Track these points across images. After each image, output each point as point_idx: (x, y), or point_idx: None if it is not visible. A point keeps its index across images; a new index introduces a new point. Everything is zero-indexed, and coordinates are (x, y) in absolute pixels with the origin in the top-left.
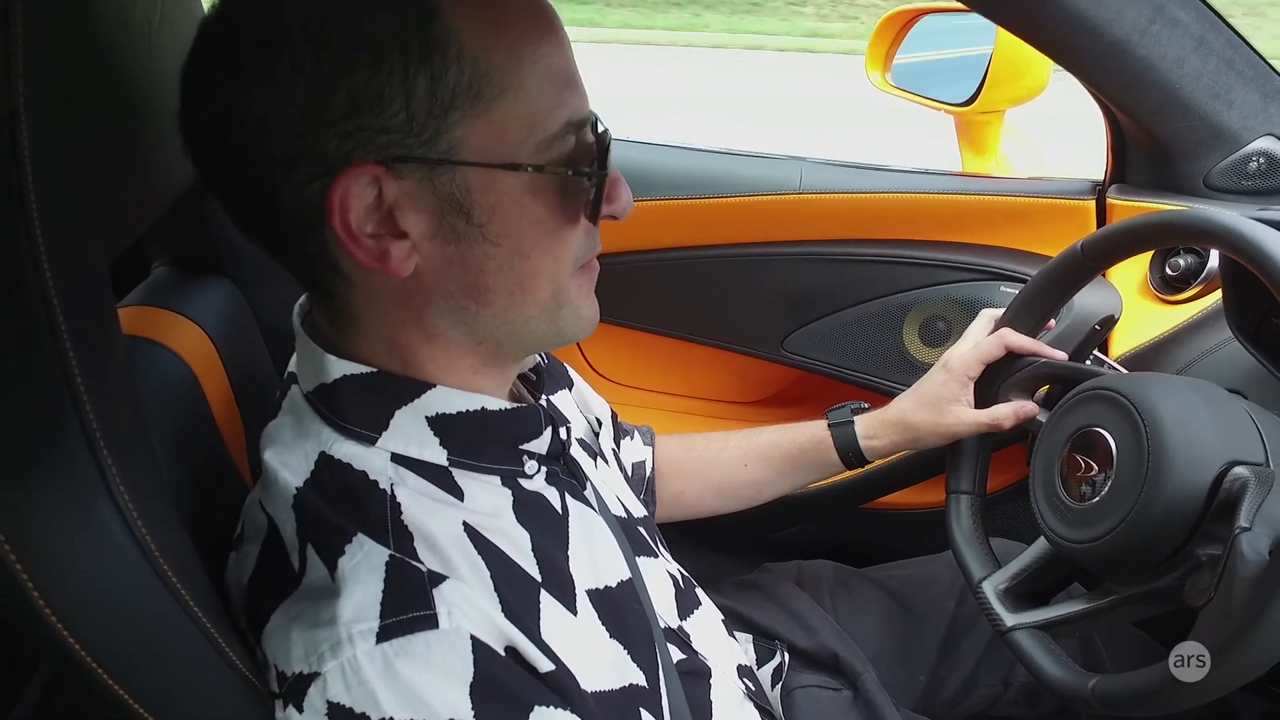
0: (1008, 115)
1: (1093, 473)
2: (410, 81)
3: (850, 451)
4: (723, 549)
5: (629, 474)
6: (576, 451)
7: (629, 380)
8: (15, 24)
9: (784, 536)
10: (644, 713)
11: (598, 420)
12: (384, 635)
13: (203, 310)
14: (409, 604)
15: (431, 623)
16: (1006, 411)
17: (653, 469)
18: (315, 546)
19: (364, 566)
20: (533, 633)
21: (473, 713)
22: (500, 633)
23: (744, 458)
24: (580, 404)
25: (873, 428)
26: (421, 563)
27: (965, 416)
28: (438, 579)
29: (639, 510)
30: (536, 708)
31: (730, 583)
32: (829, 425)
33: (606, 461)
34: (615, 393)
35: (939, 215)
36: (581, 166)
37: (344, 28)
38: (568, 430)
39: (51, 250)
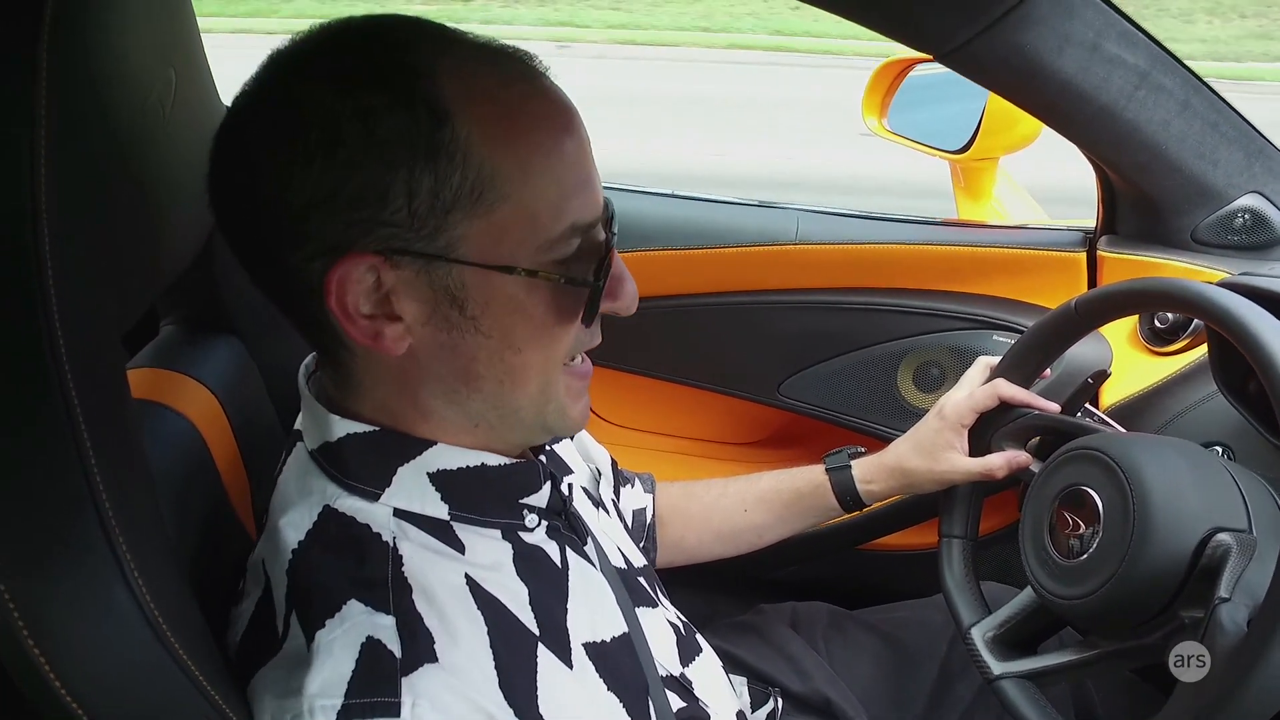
0: (1001, 162)
1: (1080, 530)
2: (415, 181)
3: (848, 496)
4: (718, 589)
5: (629, 522)
6: (580, 501)
7: (629, 423)
8: (40, 123)
9: (779, 576)
10: None
11: (598, 470)
12: (344, 715)
13: (209, 370)
14: (376, 688)
15: (393, 710)
16: (999, 461)
17: (654, 516)
18: (299, 614)
19: (339, 643)
20: (522, 696)
21: None
22: (482, 711)
23: (744, 503)
24: (582, 452)
25: (870, 472)
26: (416, 618)
27: (959, 464)
28: (413, 666)
29: (639, 560)
30: None
31: (725, 624)
32: (826, 470)
33: (608, 512)
34: (615, 434)
35: (933, 265)
36: (580, 273)
37: (356, 127)
38: (569, 485)
39: (68, 333)
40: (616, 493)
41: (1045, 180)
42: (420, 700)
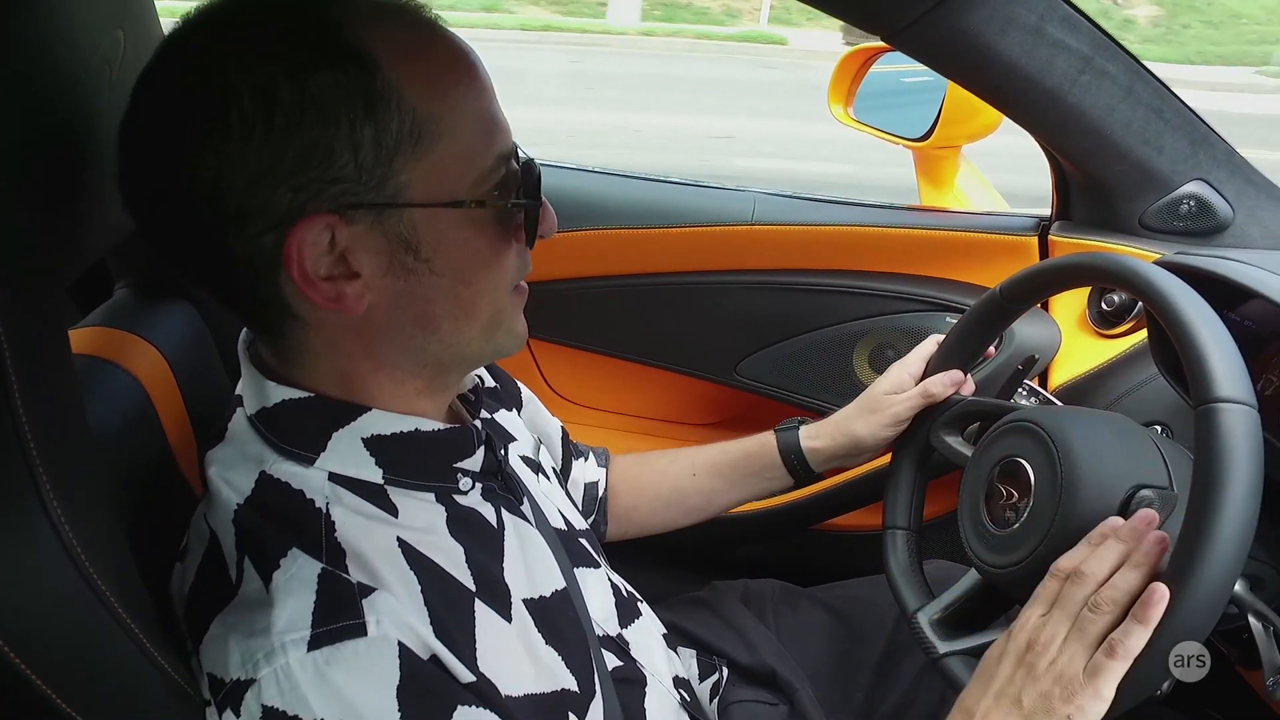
0: (964, 151)
1: (1014, 500)
2: (357, 134)
3: (793, 454)
4: (674, 568)
5: (581, 495)
6: (519, 467)
7: (586, 401)
8: None
9: (734, 556)
10: (572, 717)
11: (539, 439)
12: (315, 643)
13: (160, 332)
14: (339, 614)
15: (360, 631)
16: (936, 379)
17: (605, 489)
18: (252, 560)
19: (297, 579)
20: (459, 646)
21: (399, 713)
22: (423, 641)
23: (692, 468)
24: (529, 423)
25: (815, 430)
26: (352, 577)
27: (900, 396)
28: (367, 590)
29: (580, 523)
30: (460, 707)
31: (678, 600)
32: (775, 431)
33: (548, 477)
34: (573, 412)
35: (889, 248)
36: (517, 197)
37: (290, 89)
38: (506, 448)
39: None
40: (568, 464)
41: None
42: (382, 617)
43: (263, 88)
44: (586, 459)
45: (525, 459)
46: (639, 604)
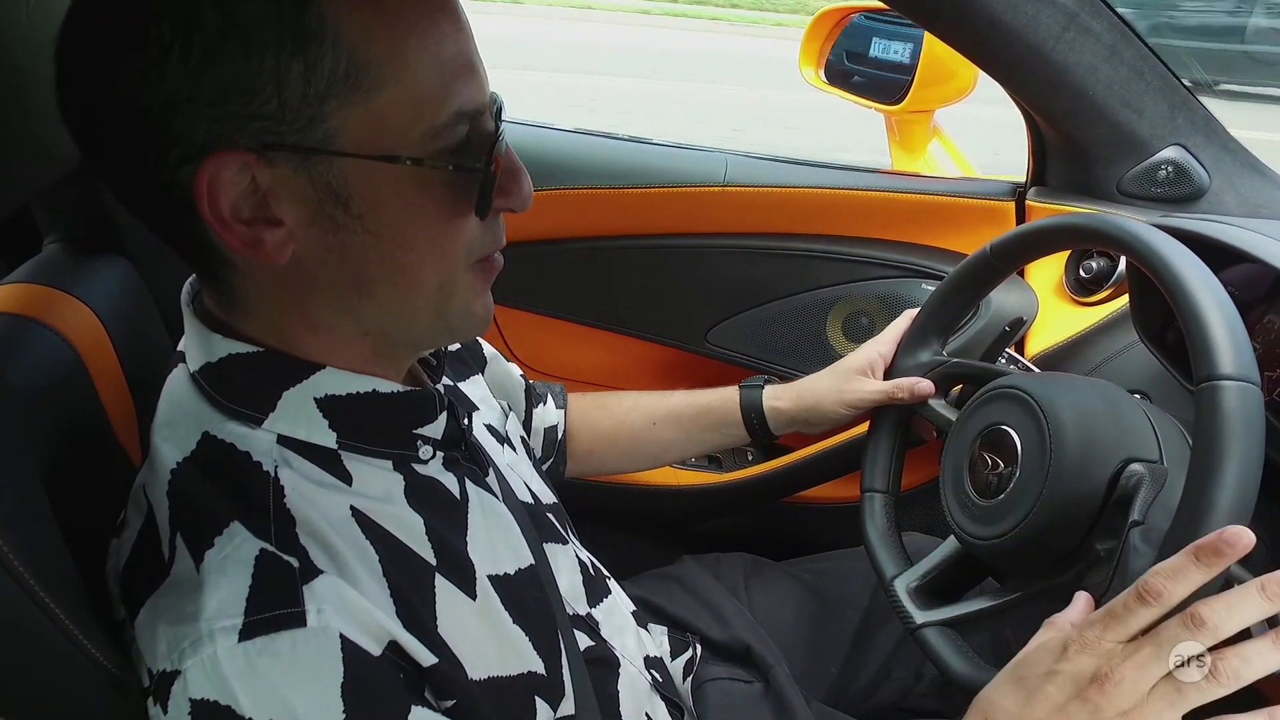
0: (937, 118)
1: (999, 469)
2: (282, 69)
3: (753, 412)
4: (643, 542)
5: (542, 441)
6: (484, 437)
7: (551, 369)
8: None
9: (705, 529)
10: (539, 701)
11: (507, 407)
12: (246, 633)
13: (94, 290)
14: (275, 601)
15: (298, 620)
16: (905, 384)
17: (564, 432)
18: (184, 536)
19: (232, 560)
20: (421, 622)
21: (344, 714)
22: (380, 628)
23: (652, 416)
24: (493, 385)
25: (779, 391)
26: (300, 551)
27: (867, 386)
28: (311, 574)
29: (549, 497)
30: (414, 708)
31: (648, 575)
32: (740, 387)
33: (514, 449)
34: (537, 380)
35: (864, 212)
36: (469, 160)
37: (213, 13)
38: (471, 417)
39: None
40: (529, 415)
41: None
42: (325, 605)
43: (183, 9)
44: (545, 402)
45: (490, 428)
46: (608, 581)
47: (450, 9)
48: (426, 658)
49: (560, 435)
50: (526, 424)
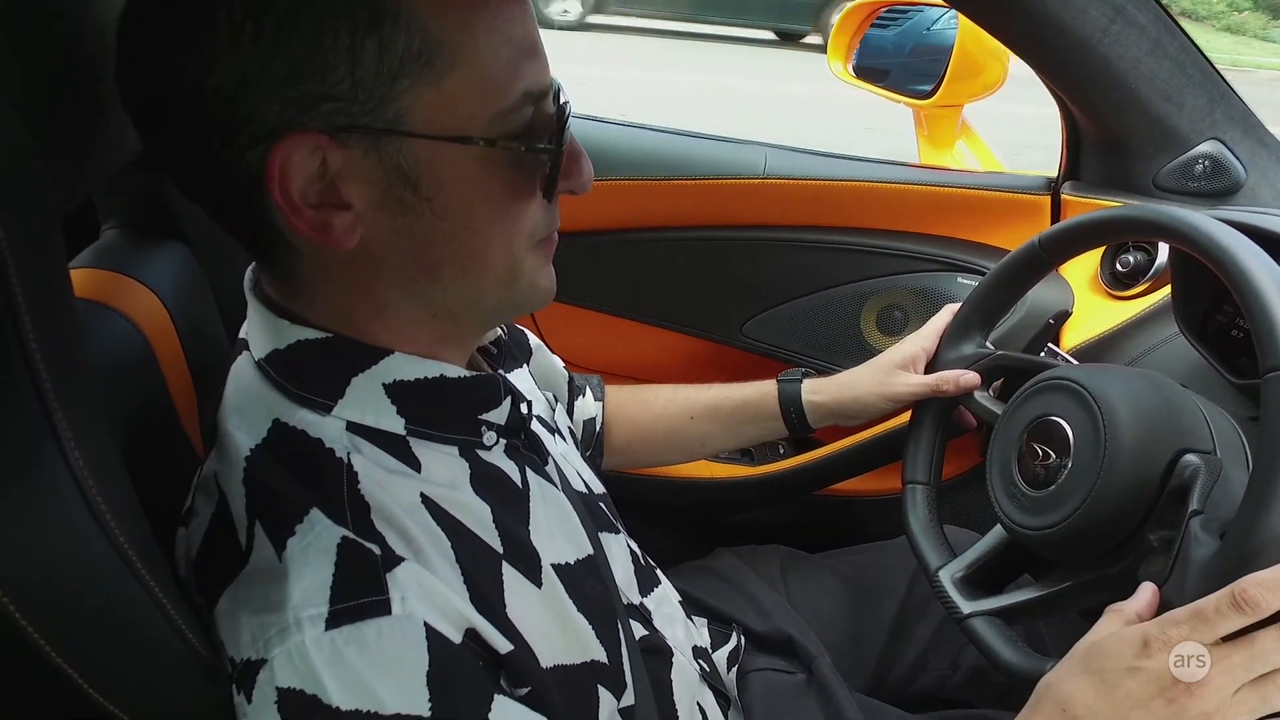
0: (965, 114)
1: (1050, 460)
2: (356, 48)
3: (792, 406)
4: (679, 533)
5: (580, 432)
6: (537, 427)
7: (585, 361)
8: None
9: (738, 522)
10: (602, 690)
11: (554, 398)
12: (333, 621)
13: (155, 274)
14: (360, 589)
15: (384, 609)
16: (950, 377)
17: (602, 424)
18: (264, 524)
19: (314, 548)
20: (494, 609)
21: (430, 704)
22: (459, 615)
23: (690, 410)
24: (538, 376)
25: (819, 385)
26: (378, 538)
27: (910, 380)
28: (392, 562)
29: (599, 487)
30: (497, 697)
31: (686, 567)
32: (778, 380)
33: (564, 439)
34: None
35: (899, 205)
36: (537, 142)
37: None
38: (528, 405)
39: (4, 210)
40: (570, 408)
41: None
42: (409, 594)
43: None
44: (584, 394)
45: (540, 419)
46: (656, 571)
47: None
48: (503, 644)
49: (598, 428)
50: (569, 412)
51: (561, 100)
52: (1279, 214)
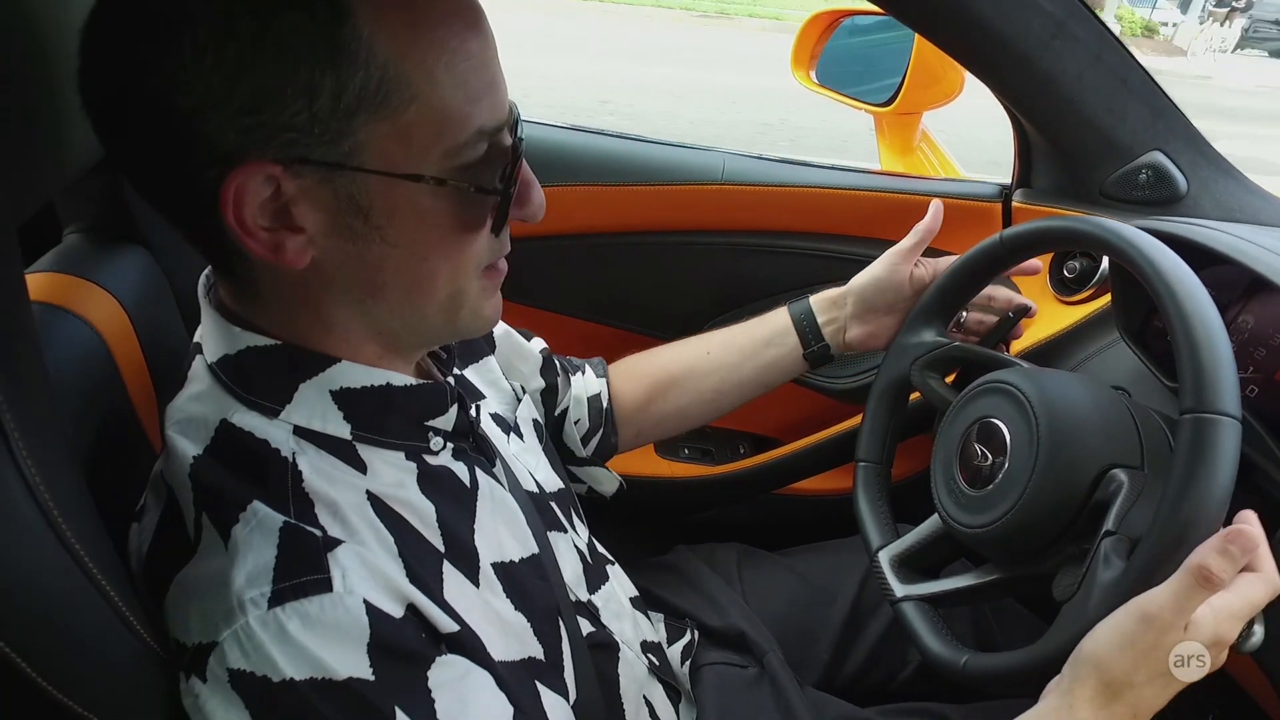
0: (925, 122)
1: (988, 461)
2: (315, 82)
3: (803, 315)
4: (639, 532)
5: (586, 410)
6: (489, 427)
7: None
8: None
9: (699, 520)
10: (540, 686)
11: (520, 389)
12: (276, 600)
13: (116, 278)
14: (302, 568)
15: (325, 586)
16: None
17: (610, 399)
18: (210, 514)
19: (257, 533)
20: (435, 597)
21: (372, 670)
22: (399, 592)
23: (707, 346)
24: (504, 365)
25: (826, 290)
26: (321, 528)
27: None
28: (333, 544)
29: (554, 484)
30: (436, 659)
31: (645, 564)
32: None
33: (521, 437)
34: None
35: (856, 211)
36: (487, 180)
37: (249, 22)
38: (478, 408)
39: None
40: (567, 385)
41: None
42: (349, 572)
43: (220, 16)
44: (584, 372)
45: (496, 417)
46: (607, 567)
47: (480, 27)
48: (447, 624)
49: (605, 403)
50: (556, 399)
51: (519, 134)
52: (1207, 225)
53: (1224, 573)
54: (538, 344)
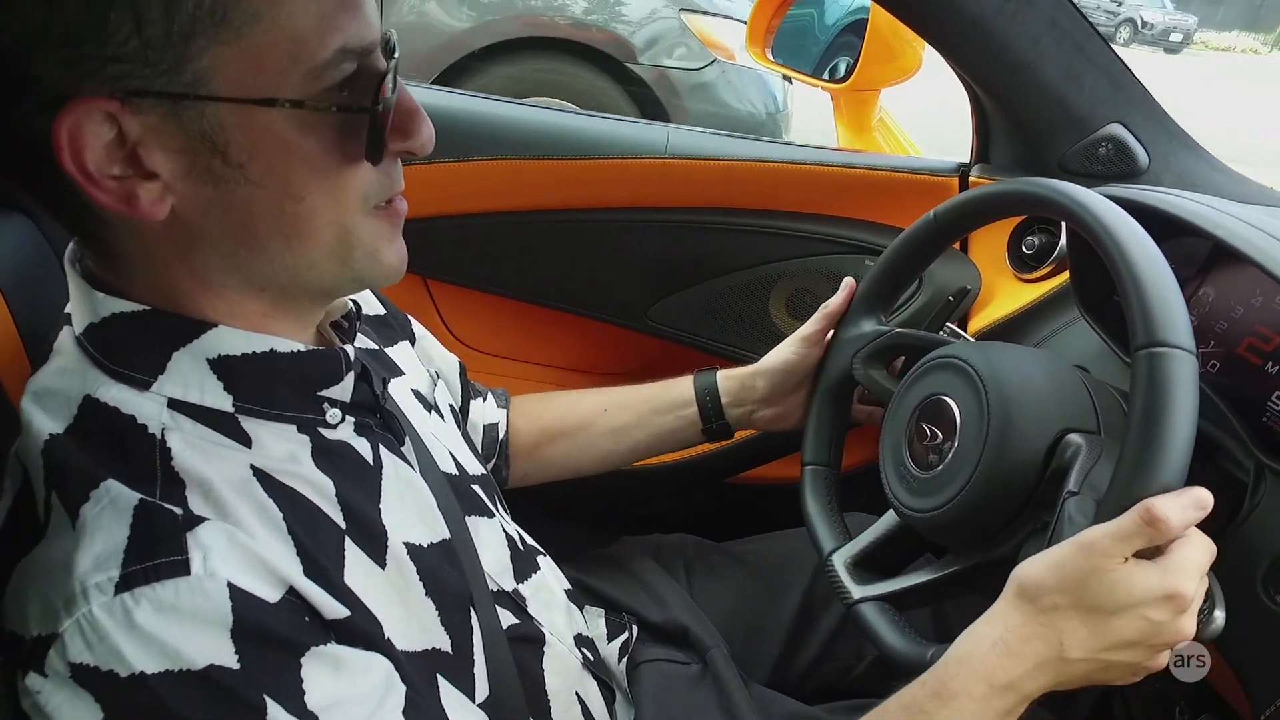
0: (883, 102)
1: (938, 441)
2: (140, 5)
3: (707, 390)
4: (582, 523)
5: (481, 438)
6: (408, 402)
7: (489, 347)
8: None
9: (646, 511)
10: (441, 679)
11: (436, 374)
12: (125, 585)
13: None
14: (156, 550)
15: (182, 569)
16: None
17: (506, 431)
18: (60, 494)
19: (109, 512)
20: (329, 578)
21: (237, 658)
22: (276, 575)
23: (603, 404)
24: (423, 357)
25: (731, 369)
26: (182, 502)
27: (810, 351)
28: (194, 522)
29: (476, 469)
30: (311, 649)
31: (586, 556)
32: (695, 373)
33: (442, 416)
34: (474, 360)
35: (807, 187)
36: (352, 101)
37: None
38: (384, 381)
39: None
40: (466, 404)
41: None
42: (211, 553)
43: None
44: (485, 399)
45: (417, 394)
46: (539, 558)
47: None
48: (335, 609)
49: (502, 435)
50: (464, 411)
51: (394, 55)
52: (1167, 192)
53: (1170, 517)
54: (455, 360)
